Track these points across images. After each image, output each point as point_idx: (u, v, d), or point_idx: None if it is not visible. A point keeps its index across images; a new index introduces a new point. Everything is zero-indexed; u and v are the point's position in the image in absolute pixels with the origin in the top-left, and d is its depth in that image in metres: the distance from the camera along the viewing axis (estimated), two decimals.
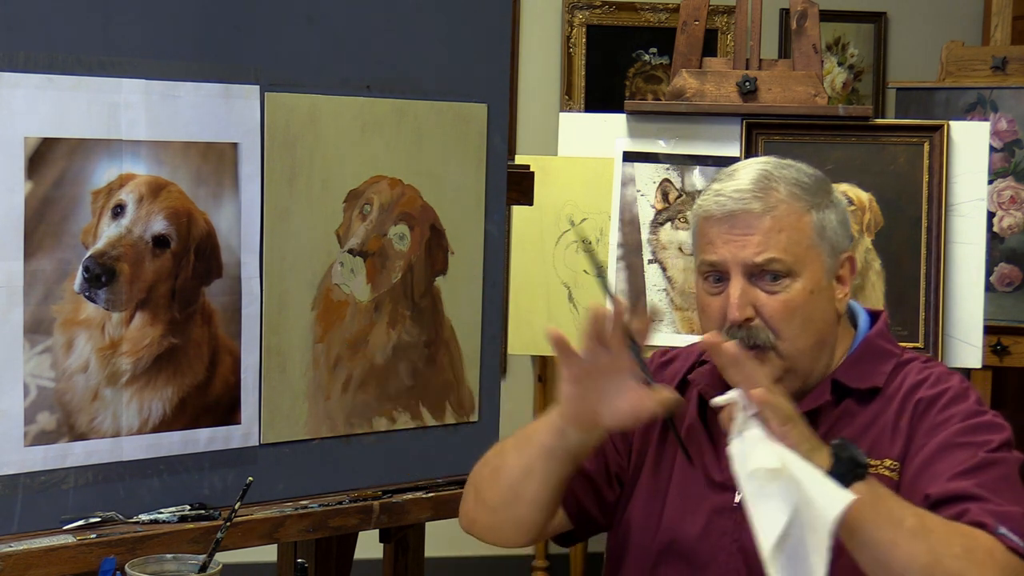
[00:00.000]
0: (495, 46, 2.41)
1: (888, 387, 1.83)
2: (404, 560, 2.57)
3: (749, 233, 1.79)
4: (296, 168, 2.19)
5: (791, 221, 1.80)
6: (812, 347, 1.82)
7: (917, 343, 3.24)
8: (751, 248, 1.79)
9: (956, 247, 3.28)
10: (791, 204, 1.81)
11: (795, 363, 1.81)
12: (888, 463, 1.77)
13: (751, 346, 1.79)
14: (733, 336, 1.78)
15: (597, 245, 3.37)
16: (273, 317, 2.18)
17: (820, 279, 1.82)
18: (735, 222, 1.80)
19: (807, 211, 1.82)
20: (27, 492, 1.98)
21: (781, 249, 1.79)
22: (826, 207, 1.84)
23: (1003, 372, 4.11)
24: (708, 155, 3.35)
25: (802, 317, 1.80)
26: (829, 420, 1.82)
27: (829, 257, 1.83)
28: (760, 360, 1.78)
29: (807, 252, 1.81)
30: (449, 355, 2.39)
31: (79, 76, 1.98)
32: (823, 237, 1.83)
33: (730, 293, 1.79)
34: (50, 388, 1.99)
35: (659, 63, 4.77)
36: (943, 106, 4.02)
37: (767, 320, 1.79)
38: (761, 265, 1.79)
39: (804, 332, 1.80)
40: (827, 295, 1.83)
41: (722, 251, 1.80)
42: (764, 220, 1.79)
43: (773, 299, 1.79)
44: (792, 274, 1.80)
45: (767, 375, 1.60)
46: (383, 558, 2.60)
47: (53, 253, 1.97)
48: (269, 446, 2.20)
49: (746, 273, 1.79)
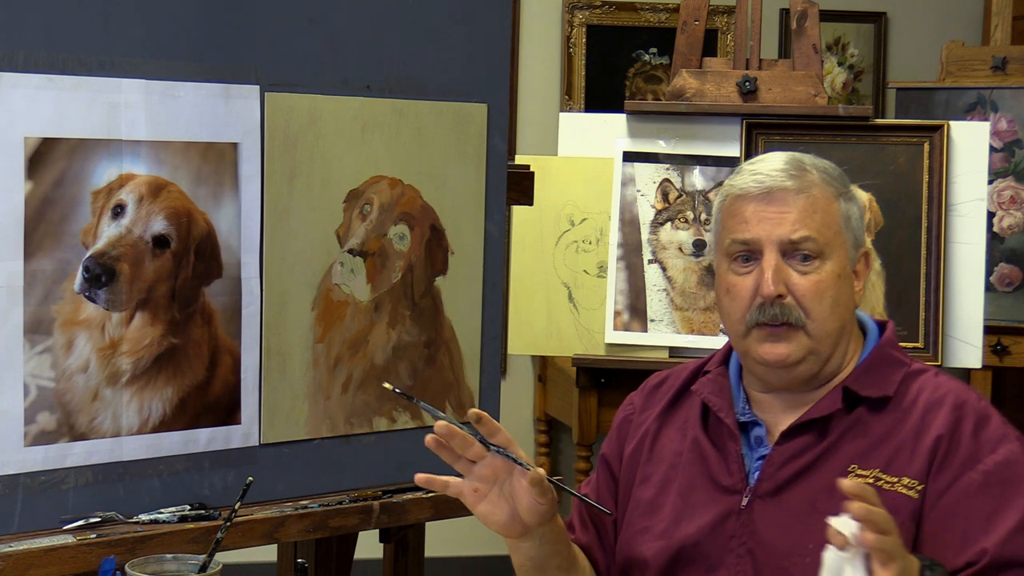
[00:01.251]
0: (495, 46, 2.41)
1: (902, 399, 1.83)
2: (404, 560, 2.57)
3: (785, 211, 1.81)
4: (296, 168, 2.19)
5: (824, 204, 1.83)
6: (836, 332, 1.83)
7: (917, 343, 3.25)
8: (787, 226, 1.81)
9: (956, 247, 3.28)
10: (823, 188, 1.84)
11: (820, 345, 1.82)
12: (906, 481, 1.76)
13: (783, 323, 1.80)
14: (764, 313, 1.80)
15: (597, 245, 3.37)
16: (273, 317, 2.18)
17: (845, 266, 1.84)
18: (771, 199, 1.82)
19: (836, 198, 1.85)
20: (27, 492, 1.98)
21: (815, 229, 1.81)
22: (850, 199, 1.87)
23: (1003, 372, 4.11)
24: (708, 155, 3.35)
25: (831, 299, 1.81)
26: (841, 427, 1.82)
27: (852, 247, 1.86)
28: (788, 338, 1.80)
29: (836, 237, 1.83)
30: (449, 355, 2.39)
31: (79, 76, 1.98)
32: (848, 226, 1.85)
33: (764, 269, 1.81)
34: (50, 388, 1.99)
35: (659, 63, 4.77)
36: (943, 106, 4.02)
37: (798, 299, 1.81)
38: (796, 243, 1.81)
39: (832, 315, 1.82)
40: (849, 283, 1.85)
41: (756, 229, 1.82)
42: (799, 199, 1.82)
43: (805, 278, 1.81)
44: (823, 256, 1.82)
45: (886, 518, 1.56)
46: (383, 558, 2.61)
47: (53, 253, 1.97)
48: (269, 446, 2.20)
49: (780, 250, 1.81)
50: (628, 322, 3.32)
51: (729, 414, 1.88)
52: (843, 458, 1.80)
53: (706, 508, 1.85)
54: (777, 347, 1.81)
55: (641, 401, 2.01)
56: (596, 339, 3.33)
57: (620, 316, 3.31)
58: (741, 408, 1.89)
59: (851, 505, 1.55)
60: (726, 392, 1.90)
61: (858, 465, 1.78)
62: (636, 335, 3.32)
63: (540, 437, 4.58)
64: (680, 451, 1.92)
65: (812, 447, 1.81)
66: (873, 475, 1.77)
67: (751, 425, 1.88)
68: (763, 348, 1.81)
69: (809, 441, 1.82)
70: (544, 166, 3.26)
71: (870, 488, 1.59)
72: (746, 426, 1.88)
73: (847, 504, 1.54)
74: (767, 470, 1.82)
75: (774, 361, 1.81)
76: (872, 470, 1.78)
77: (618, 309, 3.31)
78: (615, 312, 3.32)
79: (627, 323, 3.32)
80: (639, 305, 3.31)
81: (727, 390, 1.91)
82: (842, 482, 1.56)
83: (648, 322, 3.31)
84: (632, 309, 3.31)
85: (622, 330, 3.32)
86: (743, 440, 1.88)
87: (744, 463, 1.85)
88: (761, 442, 1.86)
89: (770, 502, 1.81)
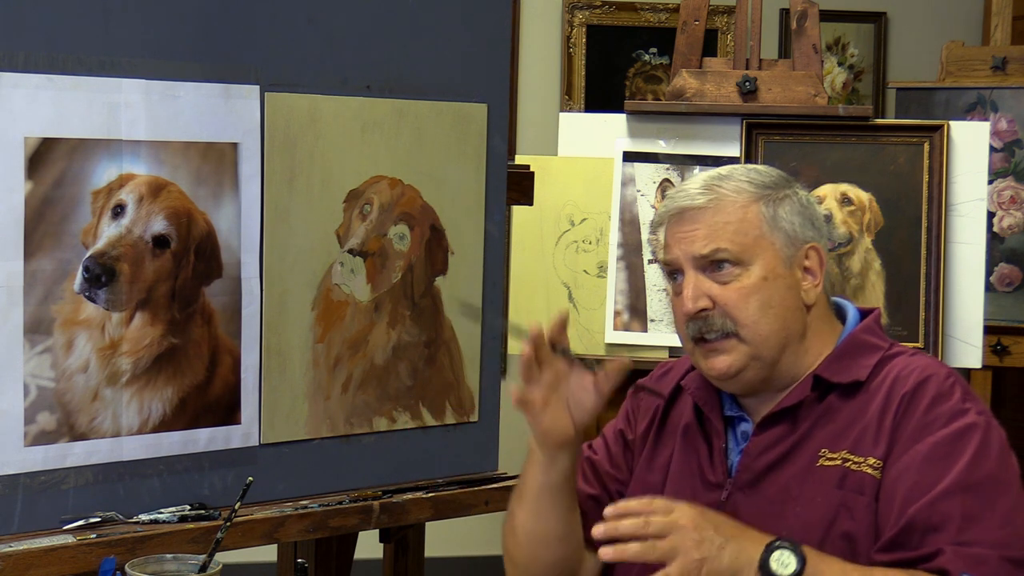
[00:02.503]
0: (495, 46, 2.41)
1: (871, 381, 1.84)
2: (404, 560, 2.57)
3: (695, 228, 1.85)
4: (296, 168, 2.19)
5: (735, 212, 1.85)
6: (776, 333, 1.84)
7: (917, 343, 3.24)
8: (698, 242, 1.84)
9: (956, 247, 3.28)
10: (735, 197, 1.86)
11: (759, 350, 1.83)
12: (872, 461, 1.77)
13: (716, 336, 1.83)
14: (692, 329, 1.84)
15: (597, 245, 3.37)
16: (273, 317, 2.18)
17: (775, 266, 1.85)
18: (682, 219, 1.86)
19: (753, 202, 1.86)
20: (27, 492, 1.98)
21: (726, 239, 1.83)
22: (781, 199, 1.87)
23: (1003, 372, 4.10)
24: (708, 155, 3.35)
25: (758, 302, 1.83)
26: (813, 415, 1.84)
27: (786, 246, 1.86)
28: (724, 349, 1.83)
29: (756, 241, 1.84)
30: (449, 355, 2.39)
31: (79, 76, 1.98)
32: (775, 227, 1.85)
33: (683, 287, 1.85)
34: (50, 388, 1.99)
35: (659, 63, 4.77)
36: (943, 106, 4.02)
37: (723, 308, 1.83)
38: (708, 256, 1.83)
39: (764, 317, 1.83)
40: (786, 283, 1.85)
41: (674, 249, 1.86)
42: (706, 214, 1.85)
43: (727, 288, 1.83)
44: (742, 262, 1.83)
45: (658, 523, 1.68)
46: (383, 558, 2.61)
47: (53, 253, 1.97)
48: (269, 446, 2.20)
49: (697, 266, 1.84)
50: (628, 322, 3.32)
51: (714, 409, 1.91)
52: (815, 445, 1.82)
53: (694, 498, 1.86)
54: (717, 360, 1.83)
55: (651, 384, 2.03)
56: (596, 339, 3.33)
57: (620, 316, 3.31)
58: (728, 404, 1.91)
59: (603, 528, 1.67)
60: (711, 387, 1.92)
61: (828, 449, 1.80)
62: (636, 335, 3.32)
63: None
64: (675, 445, 1.95)
65: (786, 437, 1.83)
66: (841, 456, 1.79)
67: (738, 420, 1.90)
68: (707, 363, 1.85)
69: (783, 431, 1.84)
70: (544, 166, 3.26)
71: (632, 502, 1.70)
72: (733, 420, 1.91)
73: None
74: (745, 461, 1.85)
75: (717, 374, 1.85)
76: (840, 452, 1.79)
77: (618, 309, 3.31)
78: (615, 312, 3.31)
79: (627, 323, 3.32)
80: (639, 305, 3.31)
81: (712, 385, 1.92)
82: (595, 529, 1.68)
83: (648, 322, 3.31)
84: (632, 309, 3.31)
85: (622, 330, 3.32)
86: (731, 434, 1.90)
87: (727, 457, 1.88)
88: (747, 436, 1.88)
89: (748, 493, 1.84)
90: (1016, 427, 1.85)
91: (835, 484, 1.77)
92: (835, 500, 1.76)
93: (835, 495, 1.76)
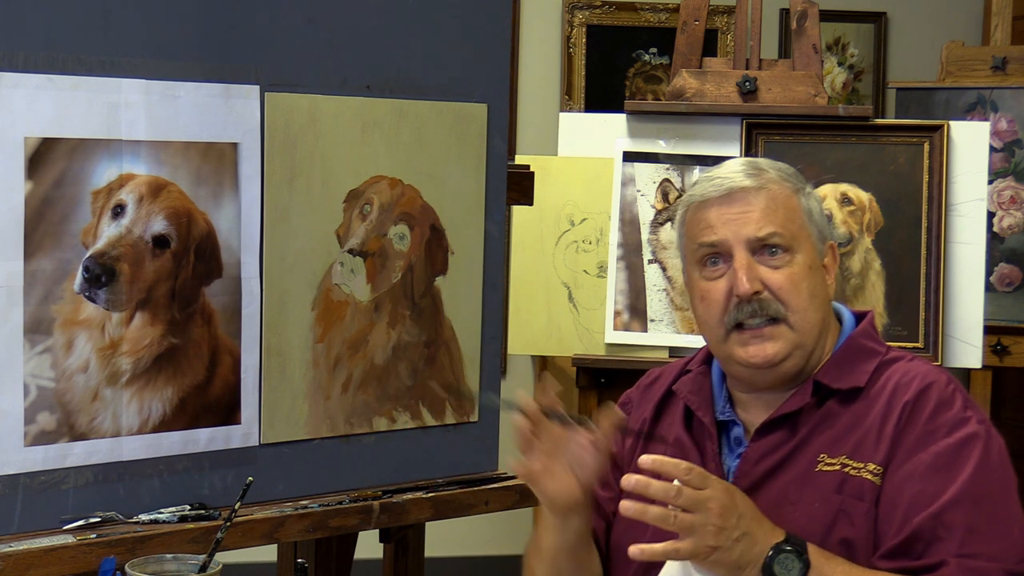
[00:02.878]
0: (495, 46, 2.41)
1: (871, 387, 1.83)
2: (404, 560, 2.57)
3: (748, 209, 1.82)
4: (296, 168, 2.19)
5: (784, 199, 1.84)
6: (819, 323, 1.83)
7: (917, 343, 3.25)
8: (752, 224, 1.81)
9: (956, 247, 3.28)
10: (781, 184, 1.85)
11: (804, 337, 1.82)
12: (872, 467, 1.76)
13: (764, 321, 1.80)
14: (742, 310, 1.80)
15: (597, 245, 3.37)
16: (273, 317, 2.18)
17: (815, 258, 1.85)
18: (732, 200, 1.83)
19: (795, 193, 1.86)
20: (27, 492, 1.98)
21: (780, 223, 1.82)
22: (808, 194, 1.88)
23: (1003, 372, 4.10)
24: (708, 155, 3.35)
25: (807, 290, 1.82)
26: (811, 421, 1.82)
27: (818, 240, 1.87)
28: (772, 336, 1.80)
29: (800, 230, 1.84)
30: (449, 355, 2.39)
31: (79, 76, 1.98)
32: (811, 220, 1.86)
33: (736, 269, 1.81)
34: (50, 388, 1.99)
35: (659, 63, 4.77)
36: (943, 106, 4.02)
37: (775, 292, 1.81)
38: (763, 239, 1.81)
39: (811, 305, 1.82)
40: (822, 276, 1.86)
41: (722, 231, 1.82)
42: (760, 196, 1.83)
43: (778, 272, 1.81)
44: (791, 249, 1.82)
45: (691, 496, 1.66)
46: (383, 558, 2.60)
47: (53, 253, 1.97)
48: (269, 446, 2.20)
49: (749, 248, 1.82)
50: (628, 322, 3.32)
51: (707, 413, 1.89)
52: (813, 450, 1.80)
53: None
54: (763, 347, 1.80)
55: (637, 397, 2.02)
56: (596, 339, 3.33)
57: (620, 316, 3.31)
58: (721, 407, 1.90)
59: (641, 468, 1.65)
60: (705, 391, 1.91)
61: (827, 455, 1.79)
62: (636, 335, 3.32)
63: None
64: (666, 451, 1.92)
65: (785, 443, 1.82)
66: (840, 462, 1.78)
67: (730, 425, 1.89)
68: (748, 351, 1.81)
69: (782, 437, 1.82)
70: (544, 166, 3.26)
71: (673, 461, 1.66)
72: (726, 426, 1.89)
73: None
74: (743, 467, 1.83)
75: (762, 362, 1.81)
76: (839, 457, 1.78)
77: (618, 309, 3.31)
78: (615, 312, 3.31)
79: (627, 323, 3.32)
80: (639, 305, 3.31)
81: (707, 389, 1.91)
82: (643, 458, 1.66)
83: (648, 322, 3.31)
84: (632, 309, 3.31)
85: (622, 330, 3.32)
86: (723, 440, 1.88)
87: (723, 462, 1.86)
88: (740, 442, 1.87)
89: None
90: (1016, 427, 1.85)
91: (834, 489, 1.76)
92: (834, 505, 1.75)
93: (834, 500, 1.75)
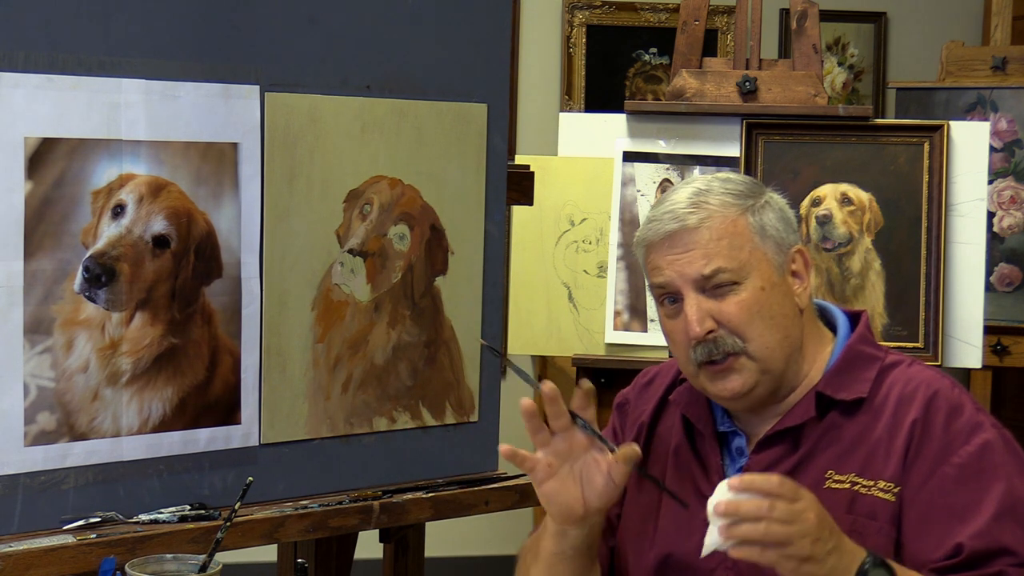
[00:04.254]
0: (495, 46, 2.41)
1: (874, 397, 1.81)
2: (404, 560, 2.57)
3: (690, 248, 1.80)
4: (296, 168, 2.19)
5: (727, 227, 1.81)
6: (781, 344, 1.81)
7: (917, 343, 3.24)
8: (696, 263, 1.79)
9: (956, 247, 3.28)
10: (724, 212, 1.82)
11: (768, 363, 1.80)
12: (882, 484, 1.75)
13: (724, 356, 1.79)
14: (699, 352, 1.79)
15: (597, 245, 3.37)
16: (273, 317, 2.18)
17: (771, 276, 1.82)
18: (674, 241, 1.81)
19: (741, 214, 1.82)
20: (27, 492, 1.98)
21: (724, 257, 1.80)
22: (761, 208, 1.84)
23: (1003, 372, 4.11)
24: (708, 155, 3.35)
25: (761, 315, 1.80)
26: (814, 435, 1.81)
27: (776, 254, 1.83)
28: (735, 368, 1.79)
29: (751, 254, 1.81)
30: (449, 355, 2.39)
31: (79, 76, 1.98)
32: (764, 236, 1.83)
33: (685, 311, 1.80)
34: (50, 388, 1.99)
35: (659, 63, 4.77)
36: (943, 106, 4.02)
37: (729, 327, 1.79)
38: (709, 277, 1.79)
39: (769, 329, 1.80)
40: (781, 290, 1.83)
41: (668, 272, 1.81)
42: (701, 233, 1.80)
43: (728, 304, 1.79)
44: (741, 277, 1.80)
45: (784, 510, 1.60)
46: (383, 558, 2.60)
47: (53, 253, 1.97)
48: (269, 446, 2.20)
49: (697, 288, 1.80)
50: (628, 322, 3.32)
51: (707, 425, 1.88)
52: (820, 465, 1.79)
53: (693, 519, 1.84)
54: (727, 382, 1.79)
55: (634, 397, 2.01)
56: (596, 339, 3.33)
57: (620, 316, 3.31)
58: (720, 418, 1.89)
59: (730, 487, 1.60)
60: (702, 401, 1.89)
61: (835, 471, 1.77)
62: (636, 335, 3.32)
63: None
64: (666, 457, 1.92)
65: (787, 457, 1.81)
66: (850, 480, 1.77)
67: (731, 435, 1.87)
68: (715, 387, 1.80)
69: (784, 450, 1.81)
70: (544, 166, 3.26)
71: (761, 476, 1.61)
72: (726, 436, 1.88)
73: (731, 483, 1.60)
74: None
75: (730, 396, 1.80)
76: (848, 475, 1.77)
77: (618, 309, 3.31)
78: (615, 312, 3.31)
79: (627, 323, 3.32)
80: (639, 305, 3.31)
81: (703, 399, 1.89)
82: (715, 503, 1.60)
83: (648, 322, 3.31)
84: (632, 309, 3.31)
85: (622, 330, 3.32)
86: (724, 451, 1.87)
87: (725, 474, 1.84)
88: (742, 452, 1.86)
89: None
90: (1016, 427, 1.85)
91: (844, 508, 1.74)
92: (845, 525, 1.70)
93: (845, 520, 1.72)
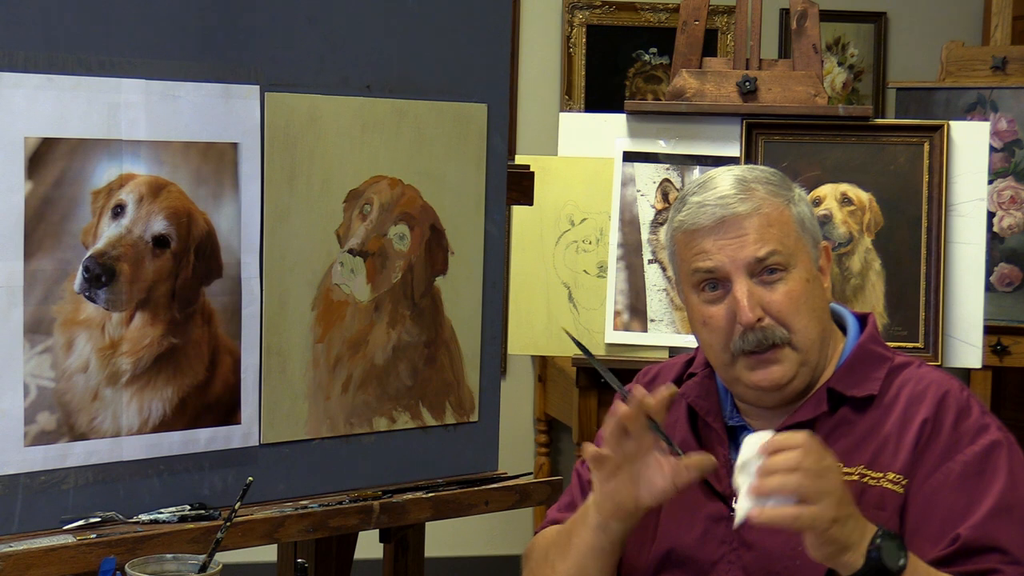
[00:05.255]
0: (495, 46, 2.41)
1: (884, 395, 1.83)
2: (404, 560, 2.57)
3: (744, 233, 1.80)
4: (296, 168, 2.19)
5: (777, 216, 1.82)
6: (819, 337, 1.83)
7: (917, 343, 3.25)
8: (750, 247, 1.80)
9: (956, 247, 3.28)
10: (772, 200, 1.83)
11: (808, 355, 1.81)
12: (891, 476, 1.77)
13: (769, 346, 1.79)
14: (747, 340, 1.79)
15: (597, 245, 3.37)
16: (273, 317, 2.18)
17: (811, 268, 1.84)
18: (727, 227, 1.81)
19: (786, 205, 1.84)
20: (27, 492, 1.98)
21: (777, 241, 1.80)
22: (797, 201, 1.87)
23: (1003, 372, 4.11)
24: (708, 155, 3.35)
25: (806, 307, 1.81)
26: (825, 429, 1.81)
27: (813, 247, 1.86)
28: (778, 359, 1.79)
29: (796, 243, 1.83)
30: (449, 355, 2.39)
31: (79, 76, 1.98)
32: (804, 228, 1.85)
33: (737, 297, 1.79)
34: (50, 388, 1.99)
35: (659, 63, 4.77)
36: (943, 106, 4.02)
37: (776, 316, 1.80)
38: (763, 260, 1.80)
39: (811, 321, 1.81)
40: (819, 284, 1.85)
41: (718, 257, 1.80)
42: (753, 219, 1.81)
43: (777, 293, 1.80)
44: (789, 266, 1.81)
45: (812, 467, 1.60)
46: (383, 558, 2.60)
47: (53, 253, 1.97)
48: (269, 446, 2.20)
49: (748, 272, 1.80)
50: (628, 322, 3.32)
51: (717, 418, 1.88)
52: None
53: (696, 513, 1.85)
54: (770, 372, 1.80)
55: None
56: (596, 339, 3.33)
57: (620, 316, 3.31)
58: (729, 412, 1.89)
59: None
60: (713, 395, 1.90)
61: (843, 464, 1.77)
62: (636, 335, 3.32)
63: (540, 437, 4.58)
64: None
65: None
66: (858, 472, 1.78)
67: (739, 430, 1.87)
68: (755, 376, 1.80)
69: None
70: (544, 166, 3.26)
71: (787, 434, 1.62)
72: (734, 430, 1.88)
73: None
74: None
75: (769, 386, 1.80)
76: (857, 467, 1.78)
77: (618, 309, 3.31)
78: (615, 312, 3.31)
79: (627, 323, 3.32)
80: (639, 305, 3.31)
81: (714, 393, 1.90)
82: (758, 444, 1.60)
83: (648, 322, 3.31)
84: (632, 309, 3.31)
85: (622, 330, 3.32)
86: (731, 444, 1.87)
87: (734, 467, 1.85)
88: None
89: None
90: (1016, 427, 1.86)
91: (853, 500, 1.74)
92: None
93: None
